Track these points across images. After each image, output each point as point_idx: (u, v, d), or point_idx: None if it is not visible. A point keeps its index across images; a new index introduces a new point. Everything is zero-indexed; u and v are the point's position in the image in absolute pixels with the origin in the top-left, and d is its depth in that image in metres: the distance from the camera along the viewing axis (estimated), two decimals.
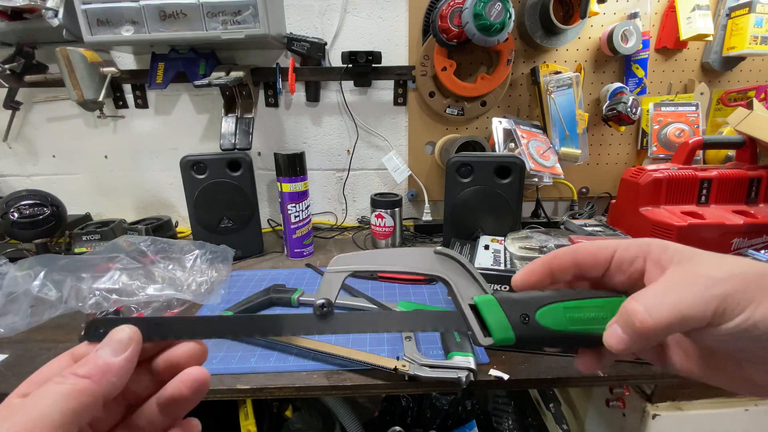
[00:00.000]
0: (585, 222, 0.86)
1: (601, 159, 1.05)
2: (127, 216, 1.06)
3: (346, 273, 0.27)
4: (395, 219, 0.90)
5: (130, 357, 0.21)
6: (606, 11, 0.94)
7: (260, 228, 0.91)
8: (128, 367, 0.21)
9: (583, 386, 0.76)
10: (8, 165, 1.08)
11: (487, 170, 0.78)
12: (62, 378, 0.19)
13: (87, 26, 0.79)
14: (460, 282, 0.27)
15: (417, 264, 0.28)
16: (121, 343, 0.21)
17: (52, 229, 0.86)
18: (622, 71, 0.99)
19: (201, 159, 0.83)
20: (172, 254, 0.72)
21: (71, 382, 0.19)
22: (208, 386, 0.23)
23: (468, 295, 0.27)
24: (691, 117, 0.96)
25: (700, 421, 0.58)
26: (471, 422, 0.89)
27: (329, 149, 1.07)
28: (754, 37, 0.88)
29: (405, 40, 0.98)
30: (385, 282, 0.76)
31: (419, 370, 0.48)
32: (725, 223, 0.70)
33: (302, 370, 0.51)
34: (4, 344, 0.58)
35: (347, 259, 0.28)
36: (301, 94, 1.02)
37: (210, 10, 0.77)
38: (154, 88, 0.97)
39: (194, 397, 0.23)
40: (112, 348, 0.21)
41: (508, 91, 0.99)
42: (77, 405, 0.18)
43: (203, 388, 0.23)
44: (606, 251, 0.26)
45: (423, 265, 0.27)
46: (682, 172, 0.76)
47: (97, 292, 0.62)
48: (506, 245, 0.68)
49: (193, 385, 0.22)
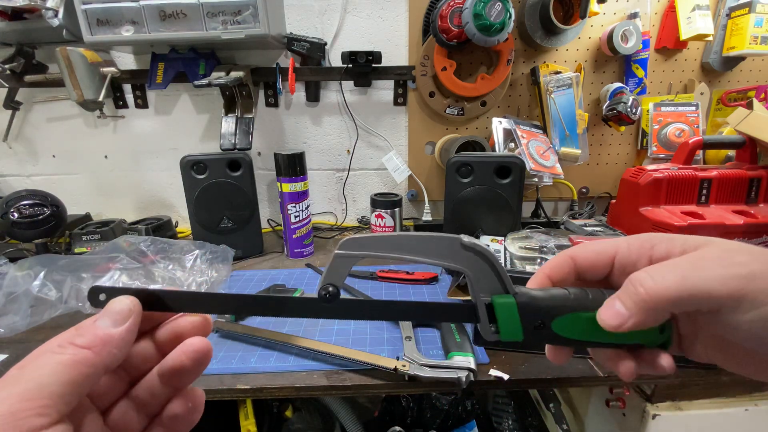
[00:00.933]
0: (585, 222, 0.86)
1: (601, 159, 1.05)
2: (127, 216, 1.06)
3: (355, 258, 0.25)
4: (395, 219, 0.90)
5: (130, 328, 0.21)
6: (606, 11, 0.94)
7: (260, 228, 0.91)
8: (129, 338, 0.20)
9: (583, 386, 0.76)
10: (8, 165, 1.08)
11: (487, 170, 0.78)
12: (61, 348, 0.18)
13: (87, 26, 0.79)
14: (484, 277, 0.25)
15: (439, 254, 0.25)
16: (121, 314, 0.21)
17: (52, 229, 0.86)
18: (622, 71, 0.99)
19: (201, 159, 0.83)
20: (172, 254, 0.72)
21: (71, 352, 0.18)
22: (210, 356, 0.23)
23: (488, 291, 0.25)
24: (691, 117, 0.96)
25: (700, 421, 0.58)
26: (471, 422, 0.89)
27: (329, 149, 1.07)
28: (754, 37, 0.88)
29: (405, 40, 0.98)
30: (385, 282, 0.76)
31: (419, 370, 0.48)
32: (725, 223, 0.70)
33: (302, 370, 0.51)
34: (4, 344, 0.58)
35: (358, 242, 0.25)
36: (301, 94, 1.02)
37: (210, 10, 0.77)
38: (154, 88, 0.97)
39: (196, 368, 0.22)
40: (111, 318, 0.20)
41: (508, 91, 0.99)
42: (77, 375, 0.18)
43: (205, 358, 0.22)
44: (604, 257, 0.24)
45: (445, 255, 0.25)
46: (682, 172, 0.76)
47: None
48: (506, 245, 0.68)
49: (194, 355, 0.22)
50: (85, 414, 0.20)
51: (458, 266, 0.25)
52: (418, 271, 0.77)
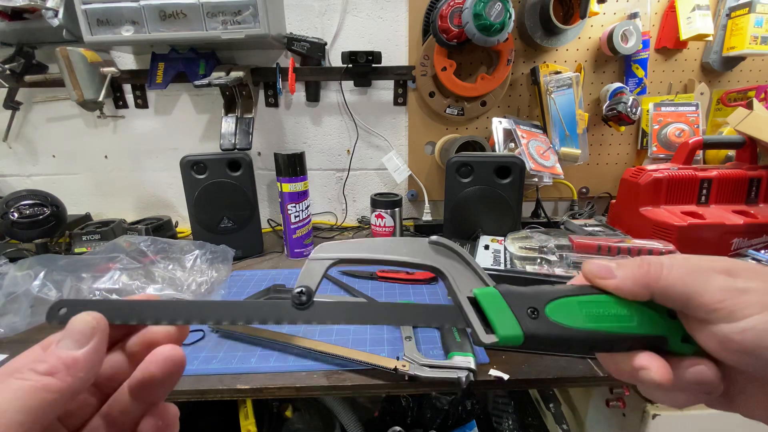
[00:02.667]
0: (585, 222, 0.86)
1: (601, 159, 1.05)
2: (127, 216, 1.06)
3: (329, 261, 0.25)
4: (395, 219, 0.90)
5: (96, 347, 0.19)
6: (606, 11, 0.94)
7: (260, 228, 0.91)
8: (95, 359, 0.19)
9: (583, 386, 0.76)
10: (8, 165, 1.08)
11: (487, 170, 0.78)
12: (21, 375, 0.17)
13: (87, 26, 0.79)
14: (458, 274, 0.24)
15: (410, 254, 0.25)
16: (83, 333, 0.19)
17: (52, 229, 0.86)
18: (622, 71, 0.99)
19: (201, 159, 0.83)
20: (172, 254, 0.72)
21: (33, 378, 0.17)
22: (184, 365, 0.20)
23: (467, 288, 0.24)
24: (691, 117, 0.95)
25: (700, 421, 0.58)
26: (471, 422, 0.89)
27: (329, 149, 1.07)
28: (754, 37, 0.88)
29: (405, 40, 0.98)
30: (385, 282, 0.76)
31: (419, 370, 0.48)
32: (725, 223, 0.70)
33: (302, 370, 0.51)
34: (4, 344, 0.58)
35: (332, 247, 0.25)
36: (301, 94, 1.02)
37: (210, 10, 0.77)
38: (154, 88, 0.97)
39: (167, 378, 0.20)
40: (74, 339, 0.19)
41: (508, 91, 0.99)
42: (39, 402, 0.16)
43: (177, 368, 0.20)
44: None
45: (416, 255, 0.25)
46: (682, 172, 0.76)
47: (97, 292, 0.63)
48: (506, 245, 0.68)
49: (165, 364, 0.20)
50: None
51: (435, 264, 0.25)
52: (418, 272, 0.77)
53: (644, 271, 0.21)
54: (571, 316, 0.22)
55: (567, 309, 0.22)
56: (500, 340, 0.22)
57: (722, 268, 0.20)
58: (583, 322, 0.22)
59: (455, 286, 0.24)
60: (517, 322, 0.22)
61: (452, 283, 0.24)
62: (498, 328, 0.22)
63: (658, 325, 0.22)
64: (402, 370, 0.48)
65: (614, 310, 0.22)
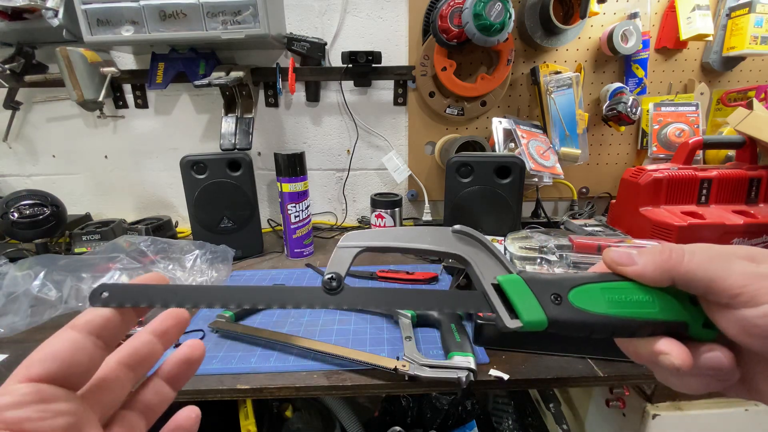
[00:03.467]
0: (585, 222, 0.86)
1: (601, 159, 1.05)
2: (127, 216, 1.06)
3: (357, 249, 0.26)
4: (395, 219, 0.90)
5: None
6: (606, 11, 0.94)
7: (260, 228, 0.91)
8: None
9: (583, 386, 0.76)
10: (8, 165, 1.08)
11: (487, 170, 0.78)
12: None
13: (87, 26, 0.79)
14: (482, 262, 0.25)
15: (434, 242, 0.26)
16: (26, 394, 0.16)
17: (52, 229, 0.86)
18: (622, 71, 0.99)
19: (201, 159, 0.83)
20: (172, 254, 0.72)
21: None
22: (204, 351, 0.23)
23: (491, 275, 0.24)
24: (691, 117, 0.95)
25: (700, 421, 0.58)
26: (471, 422, 0.89)
27: (329, 149, 1.07)
28: (754, 37, 0.88)
29: (405, 40, 0.98)
30: (385, 282, 0.76)
31: (419, 370, 0.48)
32: (725, 223, 0.70)
33: (302, 370, 0.51)
34: (4, 344, 0.58)
35: (359, 236, 0.26)
36: (301, 94, 1.02)
37: (210, 10, 0.77)
38: (154, 88, 0.97)
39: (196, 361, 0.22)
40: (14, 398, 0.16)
41: (508, 91, 0.99)
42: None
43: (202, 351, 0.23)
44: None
45: (440, 243, 0.25)
46: (682, 172, 0.76)
47: None
48: (506, 245, 0.68)
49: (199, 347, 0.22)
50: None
51: (457, 252, 0.25)
52: (418, 271, 0.77)
53: (666, 257, 0.21)
54: (593, 302, 0.22)
55: (590, 295, 0.23)
56: (525, 324, 0.23)
57: (744, 254, 0.21)
58: (606, 308, 0.22)
59: (479, 273, 0.25)
60: (541, 308, 0.23)
61: (476, 270, 0.25)
62: (522, 314, 0.23)
63: (679, 311, 0.22)
64: (402, 370, 0.48)
65: (636, 296, 0.22)
